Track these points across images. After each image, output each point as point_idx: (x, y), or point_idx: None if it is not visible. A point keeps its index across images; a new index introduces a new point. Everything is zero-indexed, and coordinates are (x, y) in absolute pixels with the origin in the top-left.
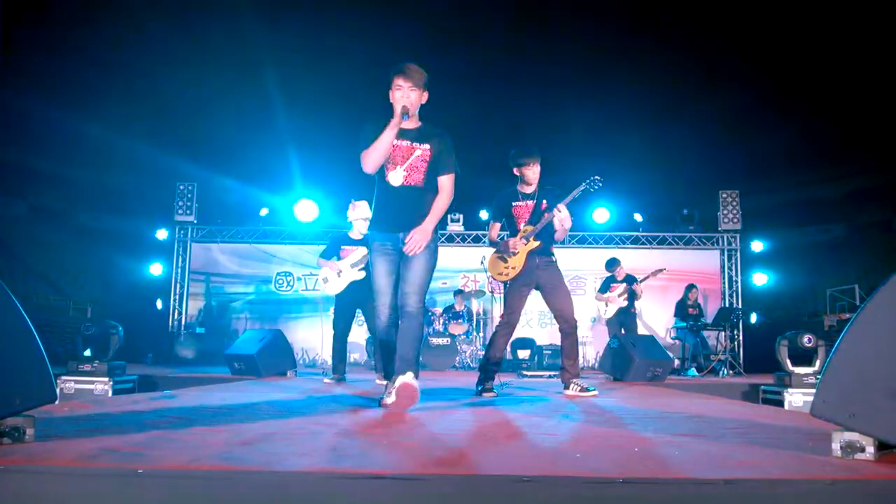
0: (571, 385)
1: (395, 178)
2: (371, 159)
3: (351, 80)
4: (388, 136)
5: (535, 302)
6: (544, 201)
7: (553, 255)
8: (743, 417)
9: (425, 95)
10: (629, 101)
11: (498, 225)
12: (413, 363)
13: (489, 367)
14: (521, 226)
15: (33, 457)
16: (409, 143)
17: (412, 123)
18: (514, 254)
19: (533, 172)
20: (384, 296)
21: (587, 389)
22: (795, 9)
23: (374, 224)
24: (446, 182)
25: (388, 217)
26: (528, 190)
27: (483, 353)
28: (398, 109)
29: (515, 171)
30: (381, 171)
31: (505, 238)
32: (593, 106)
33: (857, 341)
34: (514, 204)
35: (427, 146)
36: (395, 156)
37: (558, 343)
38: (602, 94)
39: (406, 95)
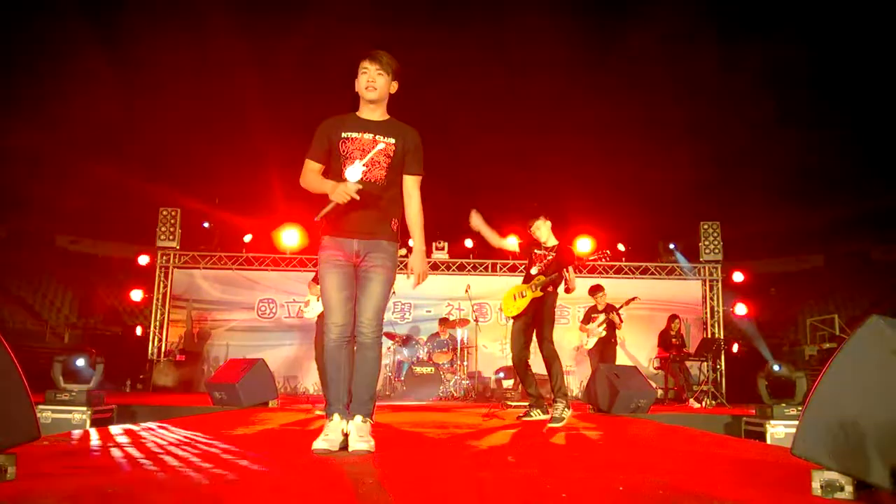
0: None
1: (353, 173)
2: (307, 187)
3: (338, 106)
4: (323, 188)
5: None
6: (552, 255)
7: (551, 295)
8: (725, 453)
9: (395, 85)
10: (612, 134)
11: (516, 241)
12: (368, 404)
13: (534, 395)
14: (534, 269)
15: (16, 499)
16: (371, 136)
17: (378, 114)
18: (523, 297)
19: (545, 235)
20: (335, 313)
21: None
22: (774, 42)
23: (328, 228)
24: (414, 186)
25: (342, 218)
26: (547, 245)
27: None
28: (349, 172)
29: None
30: (338, 168)
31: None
32: (576, 138)
33: (836, 381)
34: (535, 252)
35: (392, 141)
36: (351, 150)
37: (543, 372)
38: (585, 127)
39: (372, 80)
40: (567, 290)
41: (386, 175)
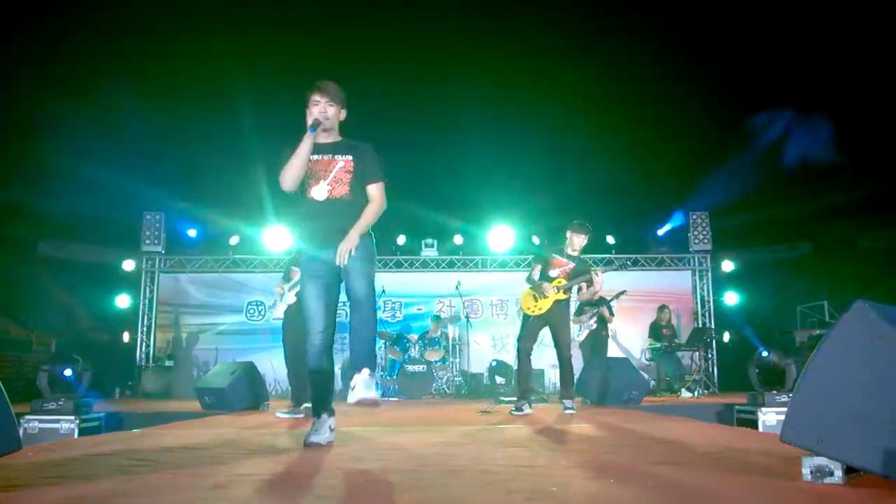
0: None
1: (319, 192)
2: (288, 176)
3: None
4: (302, 150)
5: (512, 327)
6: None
7: (567, 299)
8: (716, 442)
9: (343, 113)
10: (597, 124)
11: (539, 267)
12: (371, 358)
13: (526, 389)
14: (553, 273)
15: None
16: (329, 156)
17: (332, 138)
18: (545, 297)
19: (579, 242)
20: (314, 321)
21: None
22: (763, 31)
23: (304, 242)
24: (376, 191)
25: (316, 234)
26: (571, 252)
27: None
28: (310, 122)
29: (568, 233)
30: (304, 189)
31: (540, 280)
32: (562, 129)
33: (824, 368)
34: (555, 256)
35: (349, 157)
36: (316, 171)
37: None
38: (570, 118)
39: (323, 110)
40: (592, 296)
41: (349, 190)
